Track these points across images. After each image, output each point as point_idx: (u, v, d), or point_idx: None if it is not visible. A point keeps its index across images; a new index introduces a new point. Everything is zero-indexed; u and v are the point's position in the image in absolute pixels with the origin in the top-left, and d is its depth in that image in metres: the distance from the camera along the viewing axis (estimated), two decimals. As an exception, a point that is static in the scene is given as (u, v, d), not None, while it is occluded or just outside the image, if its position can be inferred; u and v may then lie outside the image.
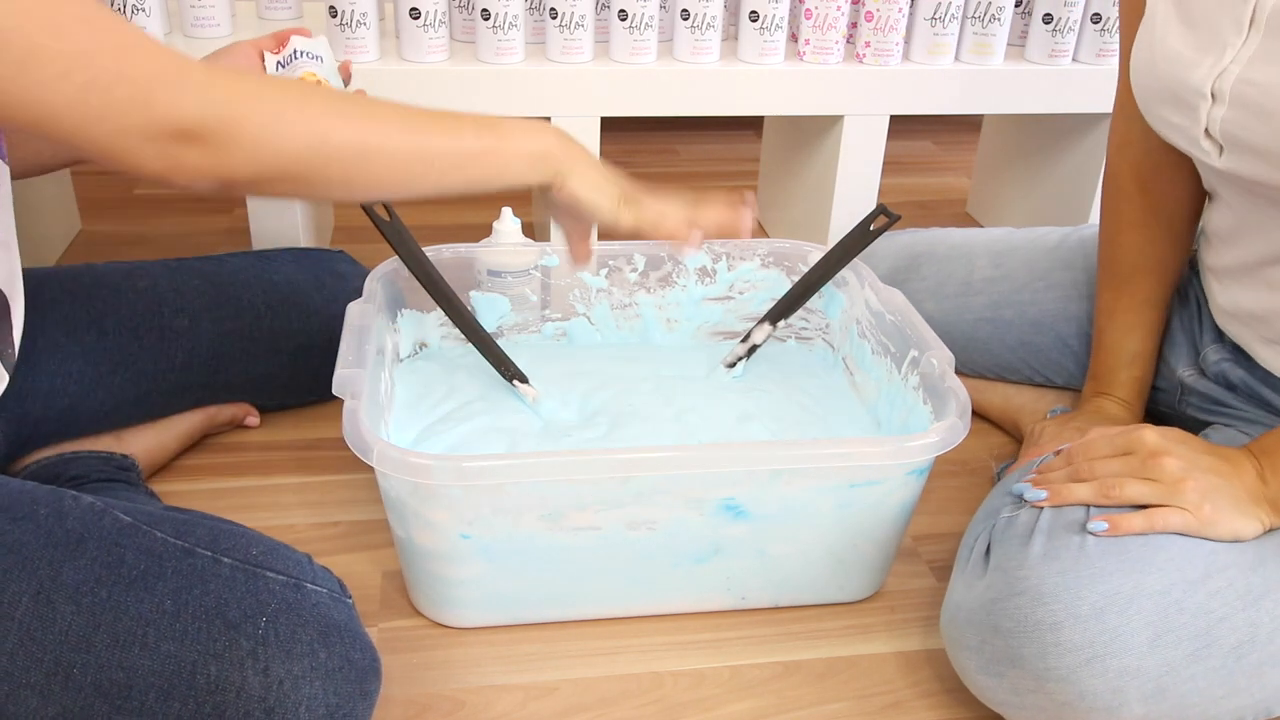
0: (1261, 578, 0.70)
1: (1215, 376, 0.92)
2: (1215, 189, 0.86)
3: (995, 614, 0.71)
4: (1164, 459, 0.73)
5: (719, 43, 1.28)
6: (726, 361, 1.03)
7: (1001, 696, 0.73)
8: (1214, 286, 0.90)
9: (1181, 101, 0.78)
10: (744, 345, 1.03)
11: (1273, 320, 0.83)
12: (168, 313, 0.98)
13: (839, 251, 1.00)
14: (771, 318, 1.02)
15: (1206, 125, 0.76)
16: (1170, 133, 0.81)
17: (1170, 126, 0.81)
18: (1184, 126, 0.79)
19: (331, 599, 0.68)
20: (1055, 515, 0.74)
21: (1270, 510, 0.72)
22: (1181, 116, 0.78)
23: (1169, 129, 0.81)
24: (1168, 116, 0.80)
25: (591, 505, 0.77)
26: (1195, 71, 0.76)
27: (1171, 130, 0.81)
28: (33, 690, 0.62)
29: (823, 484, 0.79)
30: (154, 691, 0.62)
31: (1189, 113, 0.78)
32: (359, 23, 1.19)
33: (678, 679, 0.82)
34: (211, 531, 0.68)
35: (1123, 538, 0.71)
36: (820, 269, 1.01)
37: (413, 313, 1.02)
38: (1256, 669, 0.69)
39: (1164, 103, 0.80)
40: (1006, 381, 1.10)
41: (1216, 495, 0.71)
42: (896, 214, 0.97)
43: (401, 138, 0.70)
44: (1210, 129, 0.76)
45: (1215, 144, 0.77)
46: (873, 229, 0.98)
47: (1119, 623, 0.67)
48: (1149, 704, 0.67)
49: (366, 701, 0.67)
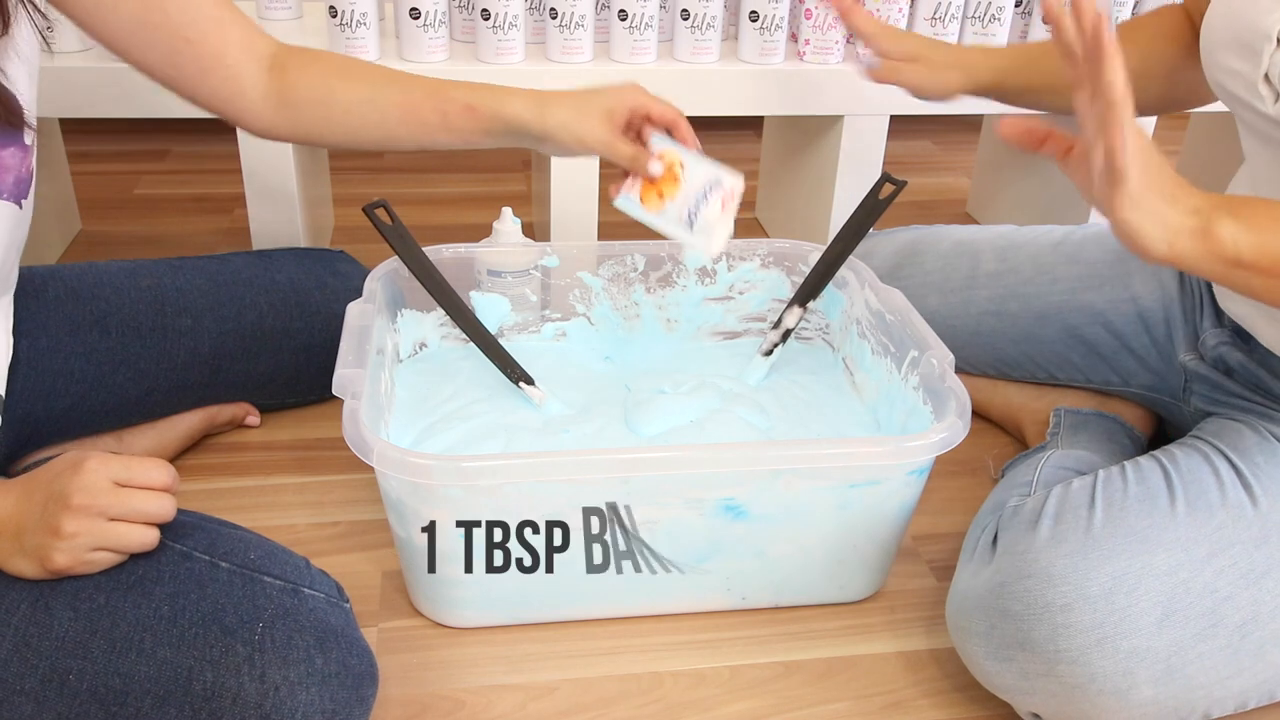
0: (1265, 554, 0.71)
1: (1214, 361, 0.93)
2: (1250, 153, 0.85)
3: (1004, 597, 0.71)
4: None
5: (719, 43, 1.28)
6: (763, 350, 1.03)
7: (1010, 682, 0.73)
8: None
9: (1247, 46, 0.78)
10: (777, 331, 1.03)
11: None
12: (170, 312, 0.98)
13: (853, 225, 1.00)
14: (800, 299, 1.02)
15: (1267, 70, 0.76)
16: (1229, 80, 0.81)
17: (1230, 74, 0.80)
18: (1244, 72, 0.78)
19: (329, 604, 0.68)
20: (1062, 499, 0.76)
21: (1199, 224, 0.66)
22: (1244, 62, 0.78)
23: (1228, 76, 0.81)
24: (1230, 63, 0.80)
25: (591, 504, 0.77)
26: (1268, 16, 0.76)
27: (1230, 78, 0.81)
28: (28, 697, 0.61)
29: (823, 484, 0.79)
30: (150, 698, 0.61)
31: (1252, 57, 0.77)
32: (359, 23, 1.19)
33: (678, 679, 0.82)
34: (210, 535, 0.68)
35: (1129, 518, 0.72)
36: (838, 245, 1.00)
37: (413, 313, 1.02)
38: (1259, 648, 0.70)
39: (1228, 46, 0.80)
40: (1008, 380, 1.10)
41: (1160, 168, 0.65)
42: (902, 179, 0.97)
43: None
44: (1270, 74, 0.76)
45: (1272, 90, 0.77)
46: (881, 198, 0.98)
47: (1128, 603, 0.68)
48: (1158, 685, 0.68)
49: (363, 707, 0.67)
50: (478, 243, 1.04)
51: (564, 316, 1.08)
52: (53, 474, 0.62)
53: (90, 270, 0.98)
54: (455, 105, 0.87)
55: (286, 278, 1.06)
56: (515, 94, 0.87)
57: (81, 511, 0.60)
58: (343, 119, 0.87)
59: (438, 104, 0.87)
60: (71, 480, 0.61)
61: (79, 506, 0.60)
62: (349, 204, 1.59)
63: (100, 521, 0.61)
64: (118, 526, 0.62)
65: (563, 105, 0.86)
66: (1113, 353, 1.02)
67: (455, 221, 1.58)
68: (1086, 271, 1.04)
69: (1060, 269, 1.05)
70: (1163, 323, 0.99)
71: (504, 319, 1.06)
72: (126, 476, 0.62)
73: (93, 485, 0.61)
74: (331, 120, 0.88)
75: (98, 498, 0.60)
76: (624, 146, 0.88)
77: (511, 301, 1.06)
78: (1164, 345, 0.99)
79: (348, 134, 0.89)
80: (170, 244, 1.52)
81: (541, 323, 1.08)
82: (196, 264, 1.05)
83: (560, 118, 0.86)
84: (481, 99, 0.87)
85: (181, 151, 1.88)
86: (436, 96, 0.87)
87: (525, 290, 1.06)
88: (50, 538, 0.61)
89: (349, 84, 0.87)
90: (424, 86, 0.88)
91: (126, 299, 0.97)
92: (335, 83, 0.87)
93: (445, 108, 0.87)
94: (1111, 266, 1.03)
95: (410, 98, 0.87)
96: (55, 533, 0.60)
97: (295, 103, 0.86)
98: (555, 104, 0.86)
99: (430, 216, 1.52)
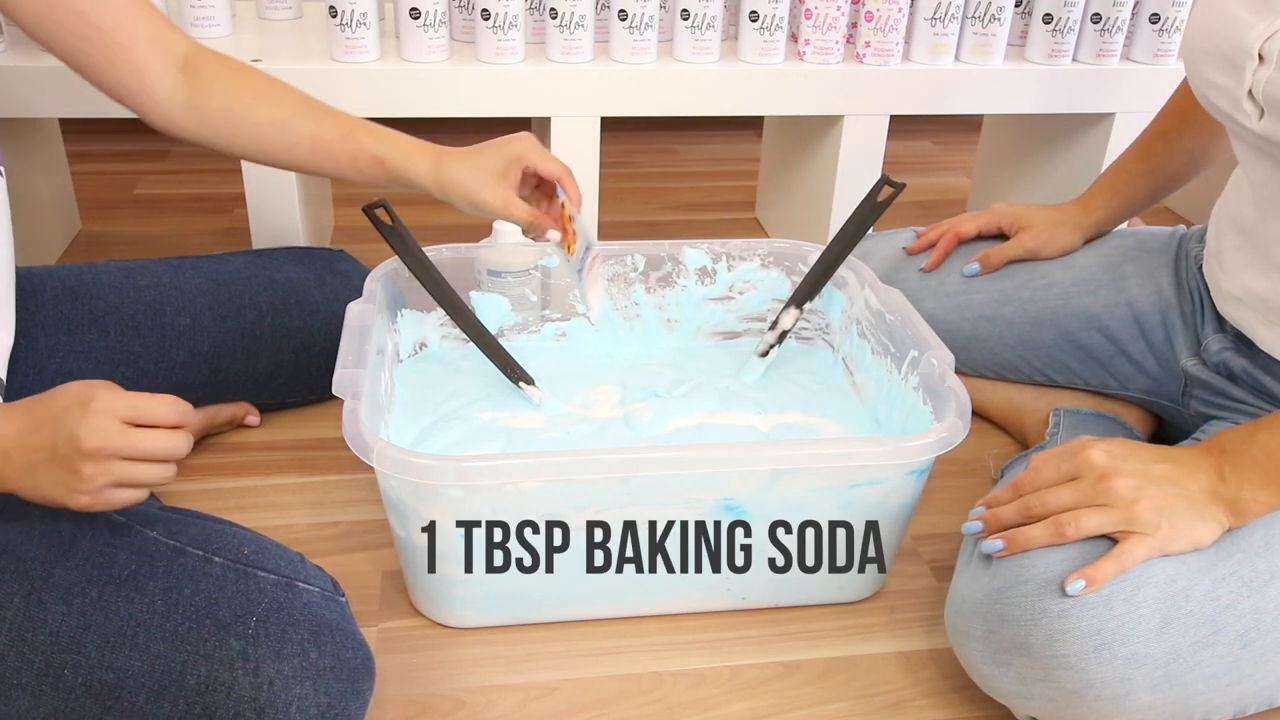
0: (1267, 563, 0.70)
1: (1216, 366, 0.92)
2: (1243, 160, 0.85)
3: (1002, 602, 0.71)
4: (1113, 480, 0.71)
5: (719, 43, 1.28)
6: (759, 351, 1.03)
7: (1008, 686, 0.73)
8: (1218, 272, 0.90)
9: (1230, 62, 0.78)
10: (773, 332, 1.03)
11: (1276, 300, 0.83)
12: (169, 312, 0.98)
13: (851, 227, 1.00)
14: (796, 301, 1.02)
15: (1250, 86, 0.77)
16: (1213, 94, 0.81)
17: (1214, 88, 0.81)
18: (1228, 88, 0.79)
19: (323, 597, 0.68)
20: None
21: (1227, 510, 0.71)
22: (1227, 77, 0.78)
23: (1213, 90, 0.81)
24: (1213, 77, 0.80)
25: (591, 505, 0.77)
26: (1249, 32, 0.76)
27: (1215, 92, 0.81)
28: (23, 691, 0.62)
29: (822, 484, 0.79)
30: (144, 692, 0.61)
31: (1235, 73, 0.77)
32: (359, 23, 1.19)
33: (678, 679, 0.82)
34: (204, 531, 0.68)
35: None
36: (836, 246, 1.00)
37: (413, 313, 1.02)
38: (1261, 657, 0.69)
39: (1212, 61, 0.80)
40: (1007, 381, 1.10)
41: (1173, 509, 0.70)
42: (901, 181, 0.97)
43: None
44: (1254, 90, 0.76)
45: (1257, 106, 0.77)
46: (880, 199, 0.98)
47: (1126, 609, 0.67)
48: (1156, 691, 0.68)
49: (359, 700, 0.67)
50: (478, 243, 1.04)
51: (564, 316, 1.08)
52: (59, 408, 0.61)
53: (89, 270, 0.98)
54: (365, 154, 0.88)
55: (286, 277, 1.06)
56: (419, 154, 0.88)
57: (95, 455, 0.60)
58: (251, 136, 0.88)
59: (348, 148, 0.88)
60: (81, 421, 0.60)
61: (92, 451, 0.60)
62: (349, 204, 1.59)
63: (115, 462, 0.61)
64: (134, 466, 0.62)
65: (460, 167, 0.88)
66: (1109, 358, 1.02)
67: (455, 221, 1.58)
68: (1082, 275, 1.04)
69: (1055, 273, 1.05)
70: (1160, 327, 0.99)
71: (504, 319, 1.06)
72: (135, 415, 0.61)
73: (104, 428, 0.60)
74: (238, 136, 0.88)
75: (110, 439, 0.60)
76: (519, 210, 0.89)
77: (511, 301, 1.05)
78: (1161, 350, 0.99)
79: (254, 152, 0.90)
80: (170, 244, 1.52)
81: (541, 323, 1.08)
82: (196, 263, 1.05)
83: (458, 184, 0.87)
84: (390, 153, 0.88)
85: (181, 151, 1.88)
86: (348, 140, 0.88)
87: (525, 290, 1.06)
88: (69, 477, 0.60)
89: (263, 105, 0.88)
90: (338, 125, 0.89)
91: (125, 298, 0.96)
92: (249, 100, 0.88)
93: (356, 153, 0.88)
94: (1107, 271, 1.03)
95: (322, 133, 0.88)
96: (74, 474, 0.60)
97: (204, 110, 0.87)
98: (453, 166, 0.88)
99: (430, 216, 1.52)
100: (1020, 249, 1.06)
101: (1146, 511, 0.70)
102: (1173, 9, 1.32)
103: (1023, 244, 1.06)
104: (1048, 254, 1.06)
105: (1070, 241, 1.06)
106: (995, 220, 1.08)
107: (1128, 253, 1.04)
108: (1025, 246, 1.06)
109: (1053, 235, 1.06)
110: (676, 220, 1.68)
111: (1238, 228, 0.87)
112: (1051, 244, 1.06)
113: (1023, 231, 1.06)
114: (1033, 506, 0.73)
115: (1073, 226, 1.06)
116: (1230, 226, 0.88)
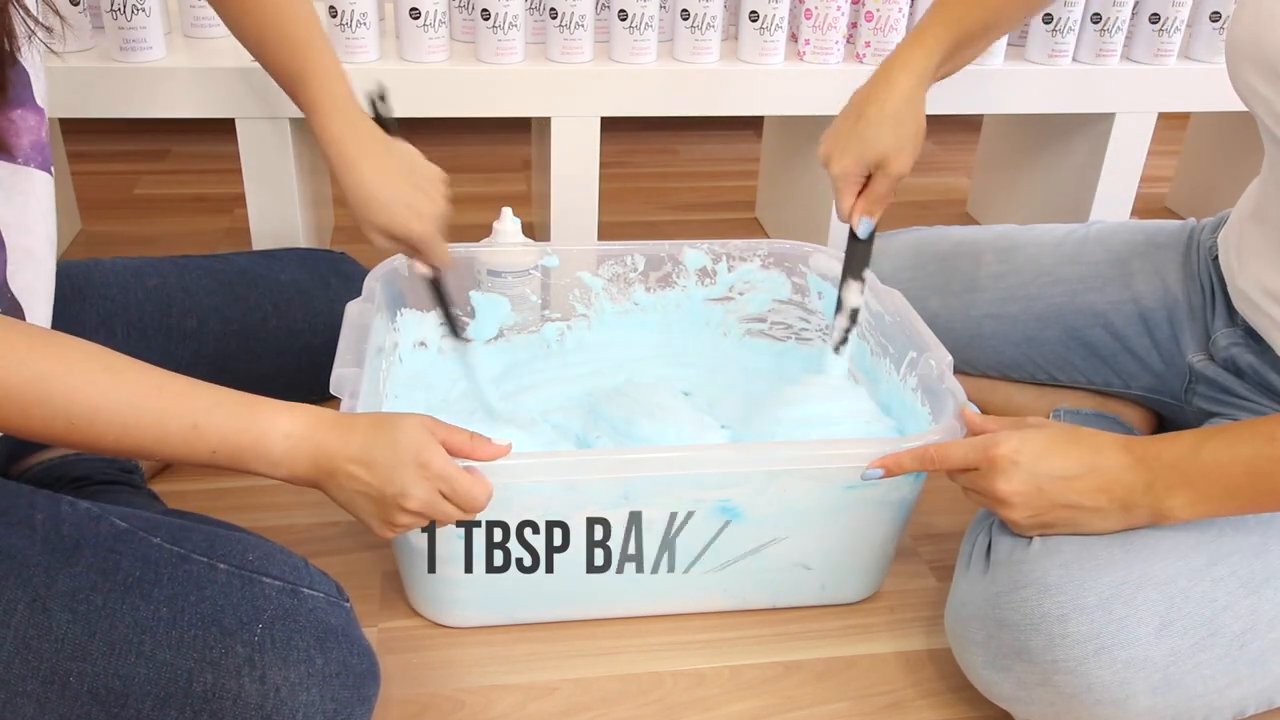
0: (1264, 564, 0.70)
1: (1224, 362, 0.92)
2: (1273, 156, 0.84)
3: (1001, 607, 0.71)
4: (1006, 511, 0.73)
5: (719, 43, 1.28)
6: (834, 342, 0.98)
7: (1008, 691, 0.73)
8: (1235, 267, 0.90)
9: (1271, 69, 0.77)
10: (843, 315, 0.97)
11: None
12: (176, 312, 0.98)
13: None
14: (852, 273, 0.96)
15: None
16: (1253, 100, 0.80)
17: (1254, 94, 0.79)
18: (1269, 98, 0.78)
19: (329, 603, 0.68)
20: None
21: (1146, 517, 0.72)
22: (1268, 86, 0.77)
23: (1252, 96, 0.80)
24: (1255, 84, 0.79)
25: (591, 505, 0.77)
26: None
27: (1254, 98, 0.80)
28: (29, 698, 0.61)
29: (821, 485, 0.79)
30: (150, 700, 0.61)
31: (1275, 82, 0.76)
32: (359, 23, 1.19)
33: (678, 679, 0.82)
34: (208, 537, 0.68)
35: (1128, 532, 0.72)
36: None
37: (413, 312, 1.02)
38: (1259, 657, 0.69)
39: (1255, 67, 0.79)
40: (1009, 381, 1.10)
41: (1055, 528, 0.73)
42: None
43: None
44: None
45: None
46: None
47: (1125, 613, 0.68)
48: (1156, 695, 0.68)
49: (365, 706, 0.67)
50: (478, 243, 1.05)
51: (564, 316, 1.08)
52: (398, 460, 0.67)
53: (96, 268, 0.98)
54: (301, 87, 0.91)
55: (290, 278, 1.06)
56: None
57: (415, 514, 0.68)
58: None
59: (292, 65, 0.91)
60: (415, 484, 0.67)
61: (414, 510, 0.68)
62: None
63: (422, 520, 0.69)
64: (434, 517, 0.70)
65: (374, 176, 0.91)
66: (1113, 354, 1.02)
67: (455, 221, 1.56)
68: (1088, 272, 1.04)
69: (1061, 270, 1.05)
70: (1165, 323, 0.99)
71: (504, 319, 1.06)
72: (451, 491, 0.68)
73: (429, 499, 0.67)
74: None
75: (430, 508, 0.68)
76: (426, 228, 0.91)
77: (511, 301, 1.06)
78: (1166, 346, 0.99)
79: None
80: (170, 244, 1.52)
81: (541, 323, 1.08)
82: (201, 263, 1.05)
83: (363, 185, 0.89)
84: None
85: (181, 151, 1.88)
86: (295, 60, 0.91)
87: (525, 290, 1.06)
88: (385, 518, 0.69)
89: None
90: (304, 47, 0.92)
91: (133, 299, 0.96)
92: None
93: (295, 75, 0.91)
94: (1113, 266, 1.03)
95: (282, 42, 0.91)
96: (390, 520, 0.69)
97: None
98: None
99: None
100: (890, 182, 0.91)
101: (1031, 529, 0.74)
102: (1172, 9, 1.32)
103: (889, 176, 0.91)
104: (909, 151, 0.91)
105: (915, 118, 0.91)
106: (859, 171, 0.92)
107: (1136, 248, 1.03)
108: (891, 176, 0.90)
109: (897, 136, 0.90)
110: (676, 220, 1.68)
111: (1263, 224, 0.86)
112: (900, 153, 0.90)
113: (884, 162, 0.90)
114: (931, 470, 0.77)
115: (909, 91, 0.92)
116: (1254, 224, 0.87)
